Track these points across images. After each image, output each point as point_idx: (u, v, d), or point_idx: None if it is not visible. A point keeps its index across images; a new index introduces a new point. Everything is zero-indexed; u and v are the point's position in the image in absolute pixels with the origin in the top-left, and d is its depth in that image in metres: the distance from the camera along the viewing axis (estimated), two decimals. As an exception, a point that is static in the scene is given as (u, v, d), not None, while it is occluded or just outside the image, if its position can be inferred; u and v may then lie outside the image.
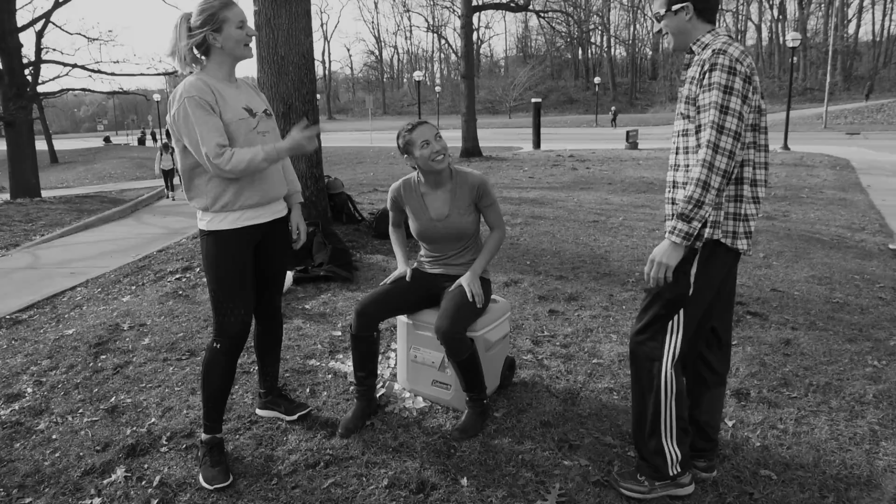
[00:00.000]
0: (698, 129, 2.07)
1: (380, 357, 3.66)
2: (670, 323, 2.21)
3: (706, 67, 2.02)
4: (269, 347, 2.95)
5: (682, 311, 2.20)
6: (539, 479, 2.48)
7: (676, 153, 2.22)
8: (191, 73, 2.49)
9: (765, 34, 69.78)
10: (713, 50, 2.03)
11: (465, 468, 2.56)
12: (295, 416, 2.95)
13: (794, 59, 23.54)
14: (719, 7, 2.26)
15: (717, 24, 2.22)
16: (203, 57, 2.50)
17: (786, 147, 18.55)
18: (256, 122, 2.54)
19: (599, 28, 75.97)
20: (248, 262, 2.58)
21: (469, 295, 2.84)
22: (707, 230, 2.12)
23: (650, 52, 76.08)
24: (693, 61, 2.16)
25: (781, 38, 63.59)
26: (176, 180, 14.08)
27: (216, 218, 2.49)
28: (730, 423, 2.84)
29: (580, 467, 2.54)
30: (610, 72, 74.51)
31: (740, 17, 71.11)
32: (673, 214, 2.22)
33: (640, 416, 2.32)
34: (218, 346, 2.57)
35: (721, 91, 1.98)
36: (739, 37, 71.12)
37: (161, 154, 14.25)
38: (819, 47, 61.75)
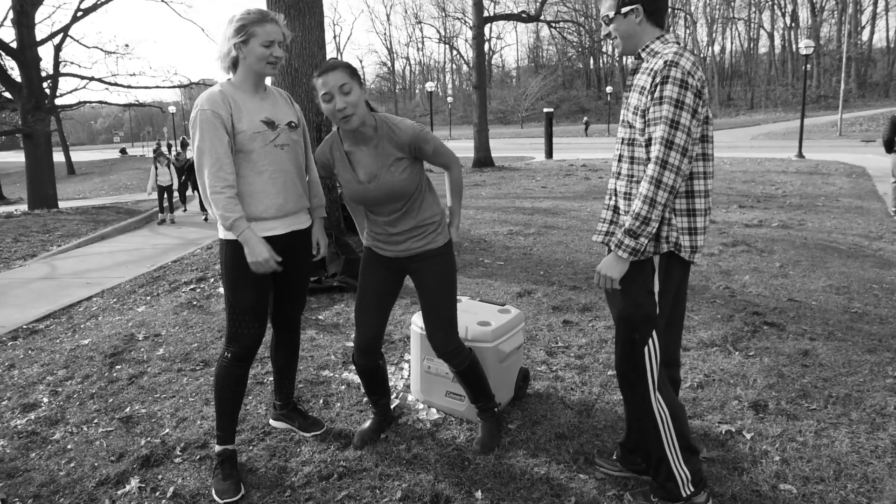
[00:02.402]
0: (649, 142, 2.03)
1: (392, 369, 3.65)
2: (646, 348, 2.17)
3: (657, 80, 1.98)
4: (286, 360, 2.94)
5: (654, 334, 2.18)
6: (554, 492, 2.45)
7: (619, 160, 2.19)
8: (228, 79, 2.55)
9: (777, 42, 69.48)
10: (665, 61, 1.98)
11: (480, 481, 2.54)
12: (309, 434, 2.94)
13: (808, 66, 23.40)
14: (667, 10, 2.22)
15: (664, 28, 2.18)
16: (232, 66, 2.53)
17: (800, 155, 18.40)
18: (276, 135, 2.54)
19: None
20: (266, 275, 2.57)
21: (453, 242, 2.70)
22: (663, 245, 2.10)
23: (662, 61, 75.91)
24: (641, 68, 2.12)
25: (794, 46, 63.25)
26: (175, 197, 12.62)
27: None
28: (748, 436, 2.80)
29: (596, 481, 2.51)
30: (622, 81, 74.31)
31: (752, 25, 70.90)
32: (609, 221, 2.25)
33: (645, 443, 2.30)
34: (229, 355, 2.58)
35: (672, 106, 1.95)
36: (751, 45, 70.92)
37: (156, 168, 12.09)
38: (832, 54, 61.35)
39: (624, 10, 2.11)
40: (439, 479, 2.54)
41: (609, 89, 53.15)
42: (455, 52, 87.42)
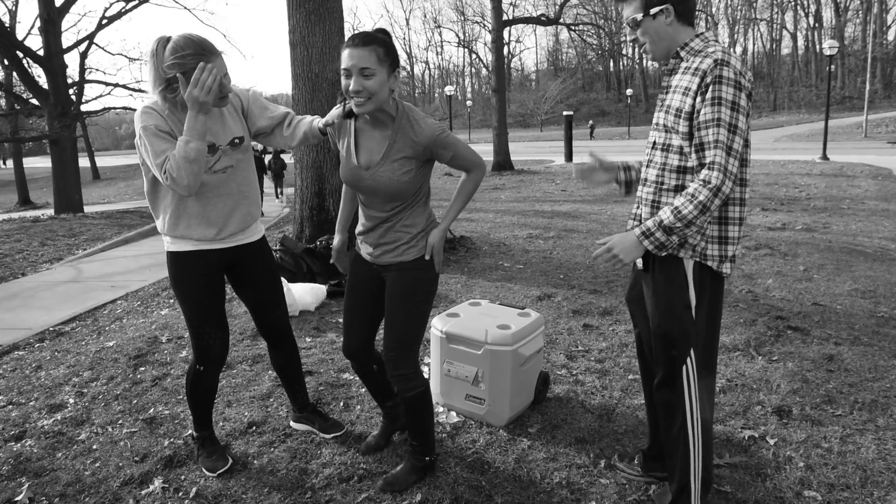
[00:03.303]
0: (700, 147, 1.90)
1: None
2: (684, 367, 2.08)
3: (708, 80, 1.86)
4: (289, 367, 2.94)
5: (692, 352, 2.07)
6: (575, 497, 2.44)
7: (649, 165, 2.08)
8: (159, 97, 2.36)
9: (800, 43, 68.61)
10: (715, 60, 1.86)
11: (499, 485, 2.53)
12: (330, 436, 2.95)
13: (832, 67, 23.06)
14: (696, 7, 2.07)
15: (695, 27, 2.06)
16: (177, 95, 2.34)
17: (825, 157, 18.14)
18: (216, 159, 2.42)
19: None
20: (218, 284, 2.57)
21: (427, 253, 2.40)
22: (688, 251, 2.01)
23: (683, 63, 75.27)
24: (681, 68, 2.00)
25: (818, 47, 62.41)
26: None
27: (173, 240, 2.50)
28: (771, 442, 2.76)
29: (616, 486, 2.50)
30: (642, 83, 73.86)
31: (775, 25, 70.09)
32: (637, 217, 2.12)
33: (671, 467, 2.21)
34: (201, 368, 2.63)
35: (729, 108, 1.84)
36: (774, 46, 70.07)
37: None
38: (857, 55, 60.41)
39: (653, 11, 1.99)
40: (458, 483, 2.54)
41: (629, 92, 52.80)
42: (474, 56, 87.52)
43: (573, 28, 31.69)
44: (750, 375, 3.46)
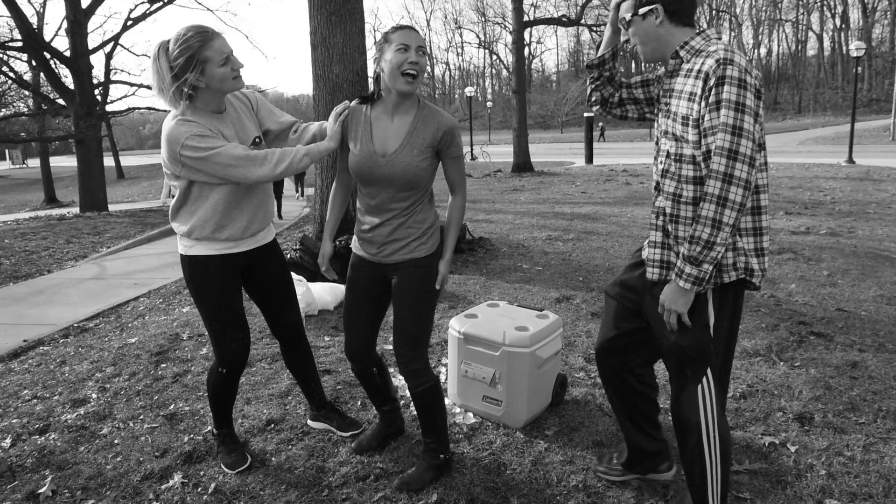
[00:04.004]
0: (708, 155, 1.81)
1: (394, 381, 3.15)
2: (700, 387, 1.99)
3: (712, 81, 1.76)
4: (303, 367, 2.96)
5: (709, 371, 1.99)
6: (592, 500, 2.43)
7: (664, 175, 1.96)
8: (182, 109, 2.36)
9: (826, 44, 67.53)
10: (717, 60, 1.77)
11: (516, 487, 2.53)
12: (348, 434, 2.97)
13: (859, 69, 22.67)
14: (696, 7, 1.97)
15: (695, 27, 1.96)
16: (192, 93, 2.36)
17: (850, 161, 17.84)
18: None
19: (653, 41, 74.78)
20: (236, 287, 2.60)
21: (439, 284, 2.47)
22: (727, 275, 1.88)
23: (706, 65, 74.46)
24: (682, 70, 1.92)
25: (845, 48, 61.43)
26: None
27: (194, 244, 2.51)
28: (792, 449, 2.73)
29: (633, 489, 2.48)
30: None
31: (800, 26, 69.08)
32: (661, 245, 2.01)
33: (689, 484, 2.14)
34: (224, 370, 2.66)
35: (732, 110, 1.73)
36: (799, 47, 69.08)
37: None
38: (885, 56, 59.36)
39: (642, 11, 1.92)
40: (475, 484, 2.54)
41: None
42: (495, 57, 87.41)
43: (595, 29, 31.48)
44: (771, 381, 3.41)
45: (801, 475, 2.54)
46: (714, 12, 64.21)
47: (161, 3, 17.71)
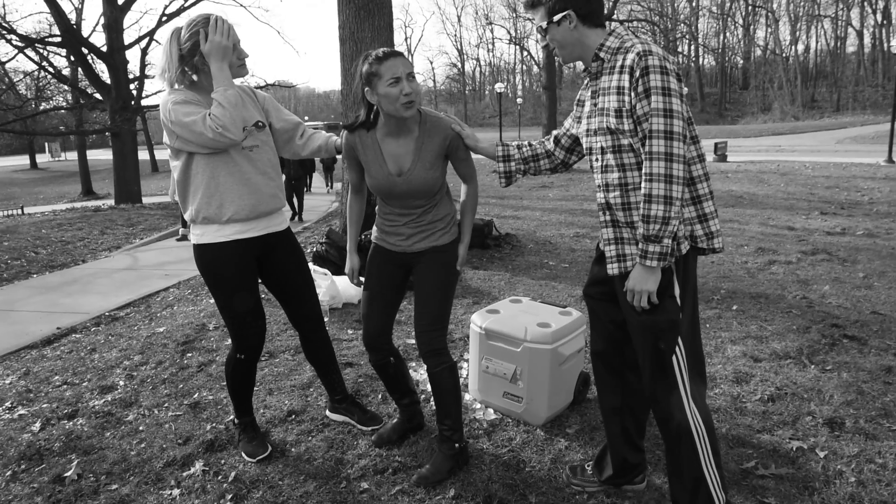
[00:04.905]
0: (643, 141, 1.91)
1: (414, 375, 3.18)
2: (673, 357, 2.02)
3: (637, 73, 1.87)
4: (324, 357, 2.96)
5: (680, 340, 2.02)
6: (611, 500, 2.39)
7: (605, 171, 2.03)
8: (185, 85, 2.47)
9: (867, 40, 65.67)
10: (638, 53, 1.88)
11: (534, 485, 2.50)
12: (368, 428, 2.96)
13: (902, 66, 21.93)
14: (604, 8, 2.10)
15: (605, 27, 2.06)
16: (194, 76, 2.47)
17: (890, 160, 17.31)
18: (244, 137, 2.45)
19: (687, 37, 73.75)
20: (251, 273, 2.62)
21: (460, 265, 2.59)
22: (682, 245, 1.98)
23: (741, 62, 73.12)
24: (604, 68, 2.01)
25: (886, 45, 59.64)
26: None
27: (204, 231, 2.53)
28: (821, 454, 2.65)
29: (654, 490, 2.43)
30: (698, 82, 72.05)
31: (840, 22, 67.28)
32: (615, 240, 2.07)
33: (678, 471, 2.10)
34: (242, 356, 2.68)
35: (661, 95, 1.85)
36: (838, 44, 67.33)
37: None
38: (930, 54, 57.47)
39: (555, 18, 2.01)
40: (493, 480, 2.52)
41: (685, 90, 51.41)
42: (525, 53, 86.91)
43: (627, 25, 31.11)
44: (801, 384, 3.33)
45: (829, 481, 2.47)
46: (750, 7, 62.94)
47: (195, -2, 17.96)
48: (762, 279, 5.52)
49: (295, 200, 12.11)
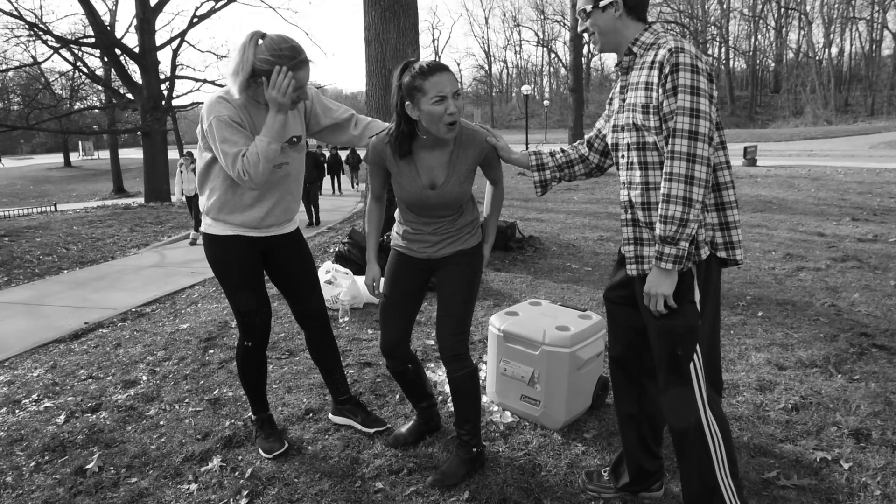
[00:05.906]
0: (667, 140, 1.87)
1: (430, 379, 3.16)
2: (691, 364, 1.97)
3: (667, 70, 1.83)
4: (327, 356, 2.96)
5: (698, 348, 1.97)
6: (627, 506, 2.36)
7: (630, 168, 2.00)
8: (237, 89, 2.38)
9: (905, 44, 64.03)
10: (670, 49, 1.83)
11: (549, 489, 2.48)
12: (372, 431, 2.94)
13: (940, 70, 21.36)
14: (648, 4, 2.06)
15: (647, 22, 2.02)
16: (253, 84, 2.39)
17: (927, 166, 16.87)
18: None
19: (717, 39, 72.70)
20: (256, 263, 2.64)
21: (485, 265, 2.59)
22: (703, 250, 1.92)
23: (773, 64, 71.83)
24: (636, 64, 1.97)
25: (926, 48, 58.11)
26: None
27: (213, 223, 2.56)
28: (846, 466, 2.58)
29: (671, 497, 2.40)
30: (728, 85, 70.98)
31: (875, 25, 65.74)
32: (634, 240, 2.04)
33: (691, 480, 2.06)
34: (250, 344, 2.71)
35: (689, 94, 1.81)
36: (873, 47, 65.82)
37: (182, 173, 10.06)
38: (971, 57, 55.90)
39: (602, 3, 1.97)
40: (508, 483, 2.50)
41: (715, 93, 50.78)
42: (553, 55, 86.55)
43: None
44: (827, 394, 3.25)
45: (853, 494, 2.40)
46: (783, 10, 61.87)
47: (225, 0, 18.21)
48: (789, 286, 5.41)
49: (311, 206, 11.85)
